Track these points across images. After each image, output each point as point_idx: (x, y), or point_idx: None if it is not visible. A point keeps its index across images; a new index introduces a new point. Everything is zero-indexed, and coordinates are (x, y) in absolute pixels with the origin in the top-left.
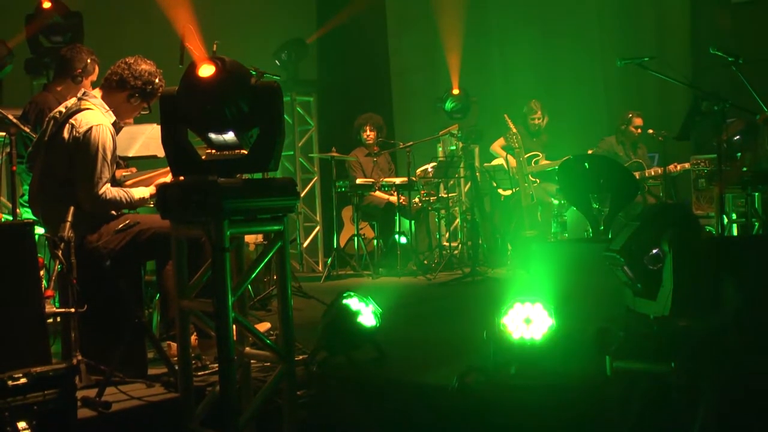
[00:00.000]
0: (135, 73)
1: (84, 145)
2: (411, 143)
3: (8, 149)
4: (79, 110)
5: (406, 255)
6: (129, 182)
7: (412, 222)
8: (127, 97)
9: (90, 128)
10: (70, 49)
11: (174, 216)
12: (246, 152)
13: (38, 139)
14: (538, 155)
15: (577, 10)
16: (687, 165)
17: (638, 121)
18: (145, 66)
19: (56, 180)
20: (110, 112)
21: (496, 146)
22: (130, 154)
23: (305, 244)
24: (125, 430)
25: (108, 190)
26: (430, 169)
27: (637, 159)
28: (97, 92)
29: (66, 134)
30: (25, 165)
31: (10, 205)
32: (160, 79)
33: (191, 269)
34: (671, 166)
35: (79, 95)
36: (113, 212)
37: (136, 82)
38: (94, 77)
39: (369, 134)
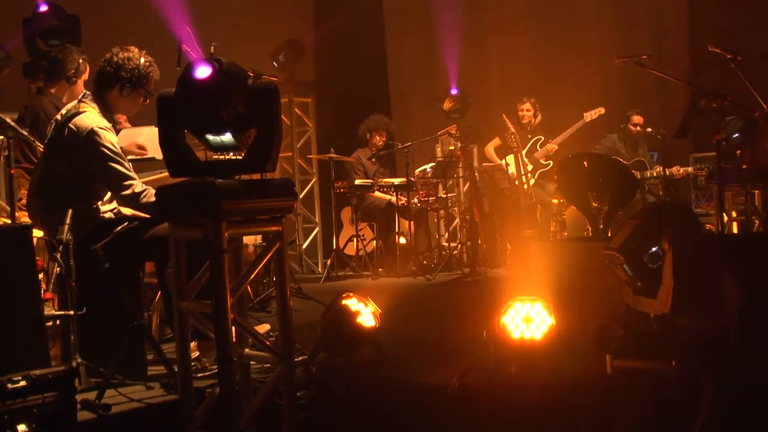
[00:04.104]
0: (116, 64)
1: (94, 152)
2: (409, 143)
3: (6, 152)
4: (78, 113)
5: (406, 255)
6: None
7: (411, 222)
8: (119, 90)
9: (90, 130)
10: (60, 51)
11: (172, 217)
12: (244, 152)
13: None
14: (541, 138)
15: (574, 9)
16: (690, 169)
17: (636, 119)
18: (124, 54)
19: (54, 183)
20: (108, 113)
21: (490, 148)
22: (129, 156)
23: (304, 246)
24: None
25: (141, 186)
26: (428, 170)
27: (639, 158)
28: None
29: (67, 138)
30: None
31: (8, 209)
32: (145, 61)
33: (195, 269)
34: (674, 169)
35: (79, 98)
36: (112, 215)
37: (121, 74)
38: (86, 76)
39: (379, 140)
